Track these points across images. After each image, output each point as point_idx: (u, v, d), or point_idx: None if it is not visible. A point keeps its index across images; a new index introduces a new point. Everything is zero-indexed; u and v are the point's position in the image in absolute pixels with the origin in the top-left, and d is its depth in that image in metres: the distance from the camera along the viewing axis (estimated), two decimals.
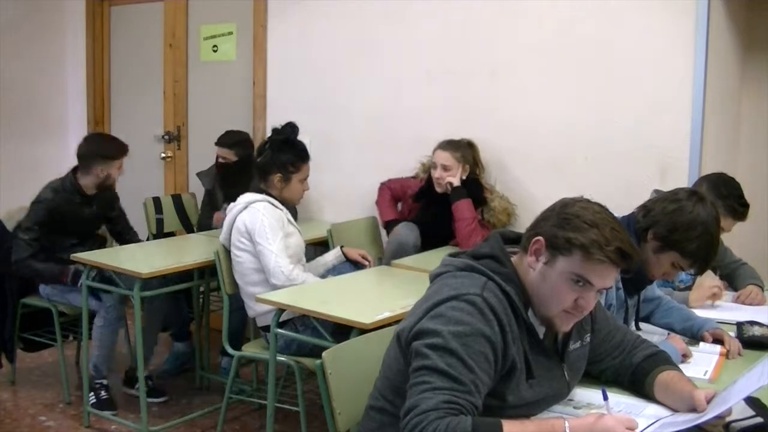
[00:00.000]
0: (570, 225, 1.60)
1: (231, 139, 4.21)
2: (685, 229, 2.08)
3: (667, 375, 1.77)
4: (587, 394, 1.81)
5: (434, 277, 1.73)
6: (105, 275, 3.46)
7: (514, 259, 1.70)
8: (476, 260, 1.68)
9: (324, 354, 1.95)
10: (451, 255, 1.77)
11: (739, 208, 2.87)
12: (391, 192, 3.86)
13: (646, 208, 2.19)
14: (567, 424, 1.47)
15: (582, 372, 1.82)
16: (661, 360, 1.83)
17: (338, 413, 1.91)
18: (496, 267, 1.66)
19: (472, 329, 1.53)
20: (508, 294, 1.62)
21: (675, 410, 1.70)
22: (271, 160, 3.31)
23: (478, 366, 1.51)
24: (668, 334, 2.29)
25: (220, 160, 4.19)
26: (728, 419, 1.64)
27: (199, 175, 4.39)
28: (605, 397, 1.61)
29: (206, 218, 4.27)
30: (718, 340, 2.23)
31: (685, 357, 2.08)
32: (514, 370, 1.60)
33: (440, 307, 1.58)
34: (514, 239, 1.76)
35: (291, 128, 3.39)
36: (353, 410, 1.92)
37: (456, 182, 3.55)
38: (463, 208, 3.51)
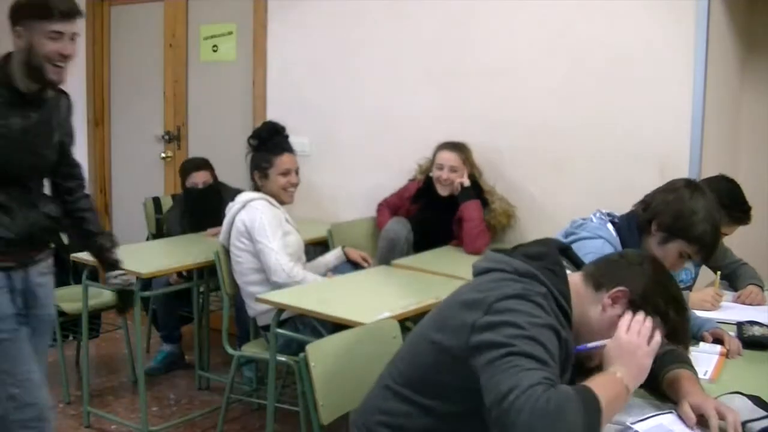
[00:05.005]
0: (661, 295, 1.63)
1: (203, 161, 4.17)
2: (688, 215, 2.10)
3: (672, 375, 1.76)
4: None
5: (485, 271, 1.69)
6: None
7: (571, 278, 1.69)
8: (533, 262, 1.67)
9: (308, 347, 1.97)
10: (496, 251, 1.74)
11: (742, 216, 2.86)
12: (389, 207, 3.83)
13: (645, 203, 2.22)
14: (618, 374, 1.52)
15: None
16: (667, 361, 1.80)
17: (321, 405, 1.93)
18: (555, 282, 1.65)
19: (545, 321, 1.53)
20: (563, 308, 1.62)
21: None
22: (250, 161, 3.37)
23: (552, 355, 1.50)
24: None
25: (201, 185, 4.06)
26: (740, 420, 1.62)
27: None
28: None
29: (175, 227, 4.13)
30: (718, 340, 2.23)
31: None
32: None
33: (508, 302, 1.55)
34: (562, 250, 1.77)
35: (267, 130, 3.41)
36: (338, 403, 1.94)
37: (467, 182, 3.55)
38: (472, 209, 3.51)
